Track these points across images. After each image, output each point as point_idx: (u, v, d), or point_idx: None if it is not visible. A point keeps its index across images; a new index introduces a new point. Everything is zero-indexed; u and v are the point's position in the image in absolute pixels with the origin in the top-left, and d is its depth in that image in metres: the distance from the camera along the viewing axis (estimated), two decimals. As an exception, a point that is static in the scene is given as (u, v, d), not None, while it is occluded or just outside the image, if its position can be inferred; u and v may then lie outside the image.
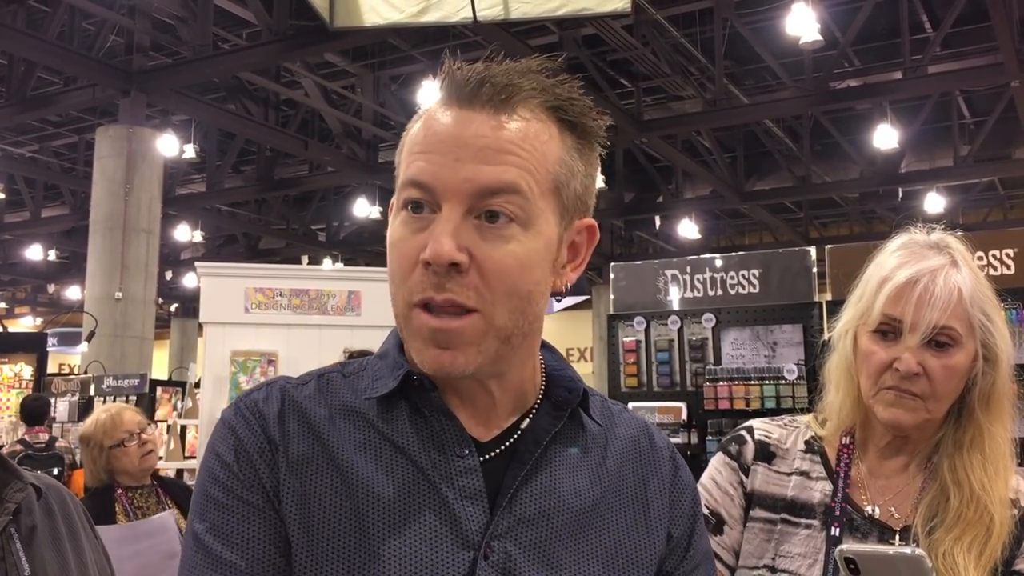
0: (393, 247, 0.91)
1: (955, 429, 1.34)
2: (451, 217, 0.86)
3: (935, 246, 1.33)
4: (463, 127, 0.88)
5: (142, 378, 8.13)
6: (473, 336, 0.87)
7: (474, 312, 0.87)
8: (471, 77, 0.89)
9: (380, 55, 12.52)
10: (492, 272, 0.86)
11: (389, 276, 0.91)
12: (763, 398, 4.50)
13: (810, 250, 4.90)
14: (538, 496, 0.92)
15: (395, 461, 0.90)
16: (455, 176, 0.87)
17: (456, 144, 0.88)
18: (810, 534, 1.34)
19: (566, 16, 8.23)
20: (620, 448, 1.00)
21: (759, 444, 1.43)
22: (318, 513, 0.88)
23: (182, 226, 17.36)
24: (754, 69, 12.36)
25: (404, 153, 0.93)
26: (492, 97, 0.89)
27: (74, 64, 10.58)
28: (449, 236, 0.85)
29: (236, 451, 0.91)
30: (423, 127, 0.91)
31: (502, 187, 0.87)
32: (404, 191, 0.90)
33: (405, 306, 0.89)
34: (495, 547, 0.88)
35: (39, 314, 26.61)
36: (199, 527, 0.90)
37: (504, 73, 0.90)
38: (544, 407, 0.96)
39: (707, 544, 1.05)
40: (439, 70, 0.93)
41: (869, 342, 1.33)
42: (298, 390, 0.96)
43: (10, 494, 1.20)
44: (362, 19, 8.43)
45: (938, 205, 14.36)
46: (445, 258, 0.84)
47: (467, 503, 0.89)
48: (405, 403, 0.94)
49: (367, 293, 5.52)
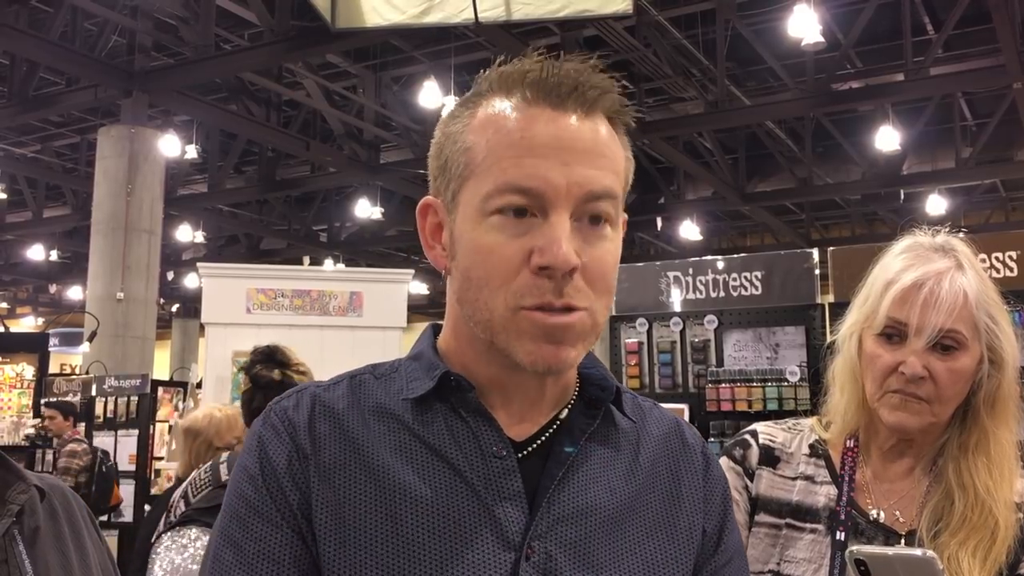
0: (489, 252, 0.88)
1: (960, 432, 1.33)
2: (562, 222, 0.86)
3: (940, 249, 1.33)
4: (564, 130, 0.87)
5: (143, 378, 8.13)
6: (582, 331, 0.89)
7: (582, 309, 0.88)
8: (563, 79, 0.88)
9: (382, 56, 12.52)
10: (595, 273, 0.88)
11: (479, 281, 0.88)
12: (765, 400, 4.49)
13: (812, 252, 4.89)
14: (575, 495, 0.92)
15: (431, 464, 0.90)
16: (564, 179, 0.86)
17: (560, 147, 0.87)
18: (815, 538, 1.34)
19: (568, 17, 8.23)
20: (652, 445, 1.00)
21: (763, 448, 1.43)
22: (353, 520, 0.87)
23: (184, 226, 17.37)
24: (756, 70, 12.36)
25: (485, 155, 0.89)
26: (583, 101, 0.88)
27: (76, 64, 10.59)
28: (566, 242, 0.85)
29: (262, 466, 0.90)
30: (516, 129, 0.88)
31: (605, 191, 0.88)
32: (502, 197, 0.87)
33: (508, 310, 0.87)
34: (536, 547, 0.88)
35: (41, 314, 26.61)
36: (218, 539, 0.91)
37: (587, 74, 0.89)
38: (578, 405, 0.96)
39: (739, 538, 1.04)
40: (514, 65, 0.91)
41: (874, 345, 1.32)
42: (329, 392, 0.96)
43: (13, 495, 1.19)
44: (364, 20, 8.43)
45: (940, 207, 14.35)
46: (568, 265, 0.85)
47: (506, 504, 0.88)
48: (441, 404, 0.93)
49: (368, 294, 5.52)
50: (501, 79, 0.91)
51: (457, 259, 0.91)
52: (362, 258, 19.17)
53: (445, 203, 0.93)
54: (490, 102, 0.91)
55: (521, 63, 0.91)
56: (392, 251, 20.06)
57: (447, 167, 0.92)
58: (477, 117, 0.91)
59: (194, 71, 10.74)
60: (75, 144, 15.73)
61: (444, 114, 0.97)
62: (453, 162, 0.91)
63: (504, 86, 0.91)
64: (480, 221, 0.88)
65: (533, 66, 0.90)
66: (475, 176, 0.89)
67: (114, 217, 10.76)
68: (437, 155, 0.95)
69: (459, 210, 0.91)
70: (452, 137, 0.93)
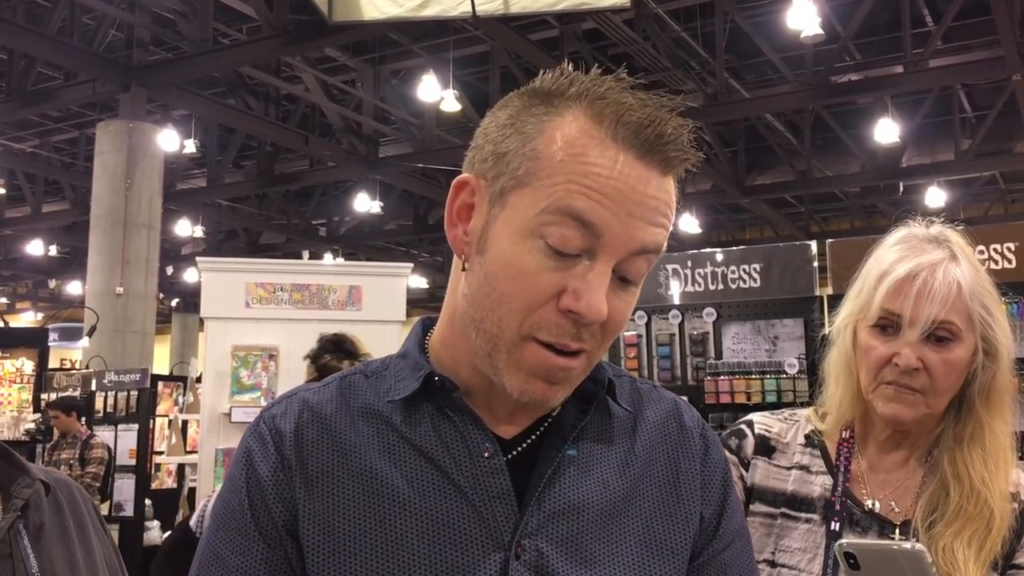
0: (523, 274, 0.84)
1: (955, 423, 1.33)
2: (606, 271, 0.84)
3: (934, 240, 1.33)
4: (638, 182, 0.84)
5: (143, 373, 8.13)
6: (579, 373, 0.89)
7: (587, 352, 0.87)
8: (653, 134, 0.84)
9: (380, 50, 12.50)
10: (615, 324, 0.87)
11: (501, 296, 0.85)
12: (764, 392, 4.50)
13: (811, 244, 4.90)
14: (566, 491, 0.91)
15: (419, 467, 0.89)
16: (624, 231, 0.84)
17: (629, 198, 0.84)
18: (810, 528, 1.34)
19: (565, 11, 8.22)
20: (649, 432, 0.99)
21: (759, 438, 1.43)
22: (341, 528, 0.87)
23: (183, 221, 17.35)
24: (755, 63, 12.34)
25: (552, 172, 0.84)
26: (667, 162, 0.86)
27: (74, 59, 10.57)
28: (604, 294, 0.84)
29: (247, 478, 0.91)
30: (595, 163, 0.83)
31: (655, 248, 0.87)
32: (557, 225, 0.83)
33: (520, 336, 0.85)
34: (526, 545, 0.87)
35: (40, 309, 26.58)
36: (204, 549, 0.92)
37: (678, 135, 0.86)
38: (570, 400, 0.94)
39: (740, 521, 1.02)
40: (611, 88, 0.86)
41: (868, 337, 1.32)
42: (318, 395, 0.95)
43: (18, 490, 1.19)
44: (361, 14, 8.42)
45: (939, 199, 14.34)
46: (600, 319, 0.84)
47: (495, 503, 0.88)
48: (428, 404, 0.92)
49: (368, 288, 5.52)
50: (594, 102, 0.86)
51: (485, 258, 0.87)
52: (361, 252, 19.16)
53: (490, 193, 0.88)
54: (575, 118, 0.85)
55: (619, 90, 0.86)
56: (391, 245, 20.05)
57: (505, 159, 0.87)
58: (556, 127, 0.86)
59: (192, 66, 10.72)
60: (74, 139, 15.71)
61: (518, 96, 0.91)
62: (514, 159, 0.86)
63: (595, 110, 0.85)
64: (525, 237, 0.84)
65: (633, 104, 0.85)
66: (534, 186, 0.85)
67: (113, 212, 10.75)
68: (497, 140, 0.88)
69: (505, 211, 0.86)
70: (522, 132, 0.87)
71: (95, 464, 7.05)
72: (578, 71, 0.89)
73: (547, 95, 0.88)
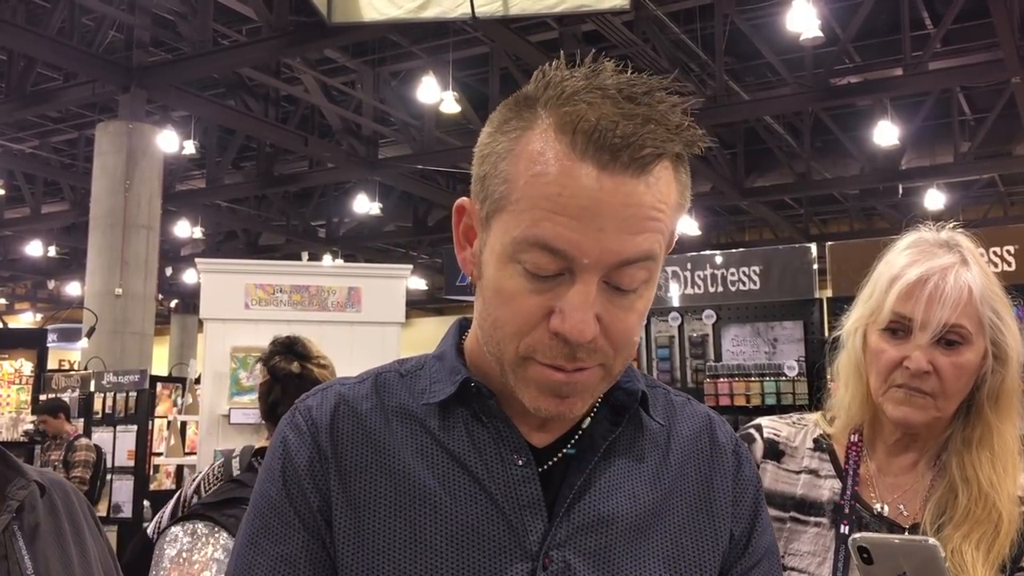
0: (510, 299, 0.83)
1: (964, 426, 1.34)
2: (588, 289, 0.81)
3: (945, 244, 1.33)
4: (606, 193, 0.79)
5: (142, 374, 8.13)
6: (593, 384, 0.86)
7: (595, 366, 0.85)
8: (614, 137, 0.79)
9: (380, 51, 12.50)
10: (619, 333, 0.84)
11: (496, 320, 0.85)
12: (763, 394, 4.49)
13: (810, 247, 4.89)
14: (596, 503, 0.90)
15: (451, 471, 0.89)
16: (597, 247, 0.80)
17: (598, 213, 0.79)
18: (819, 532, 1.35)
19: (565, 12, 8.21)
20: (682, 446, 0.97)
21: (768, 442, 1.43)
22: (371, 523, 0.88)
23: (182, 222, 17.35)
24: (754, 65, 12.34)
25: (519, 196, 0.81)
26: (636, 161, 0.80)
27: (74, 60, 10.56)
28: (589, 313, 0.81)
29: (284, 467, 0.91)
30: (556, 182, 0.79)
31: (642, 256, 0.82)
32: (529, 252, 0.81)
33: (519, 357, 0.85)
34: (554, 557, 0.86)
35: (39, 310, 26.60)
36: (243, 538, 0.92)
37: (646, 129, 0.80)
38: (602, 411, 0.93)
39: (770, 539, 1.01)
40: (579, 91, 0.81)
41: (879, 340, 1.33)
42: (354, 391, 0.95)
43: (13, 491, 1.19)
44: (360, 15, 8.42)
45: (938, 202, 14.35)
46: (584, 339, 0.81)
47: (525, 512, 0.87)
48: (463, 410, 0.92)
49: (367, 289, 5.51)
50: (559, 110, 0.82)
51: (482, 283, 0.88)
52: (360, 253, 19.17)
53: (480, 217, 0.87)
54: (543, 131, 0.82)
55: (588, 90, 0.81)
56: (391, 246, 20.06)
57: (485, 182, 0.86)
58: (524, 143, 0.83)
59: (192, 67, 10.72)
60: (73, 140, 15.71)
61: (503, 106, 0.88)
62: (491, 182, 0.85)
63: (559, 119, 0.81)
64: (506, 263, 0.83)
65: (591, 108, 0.80)
66: (508, 211, 0.83)
67: (112, 213, 10.75)
68: (479, 163, 0.87)
69: (491, 234, 0.85)
70: (496, 153, 0.85)
71: (80, 468, 7.03)
72: (559, 69, 0.85)
73: (525, 104, 0.85)
